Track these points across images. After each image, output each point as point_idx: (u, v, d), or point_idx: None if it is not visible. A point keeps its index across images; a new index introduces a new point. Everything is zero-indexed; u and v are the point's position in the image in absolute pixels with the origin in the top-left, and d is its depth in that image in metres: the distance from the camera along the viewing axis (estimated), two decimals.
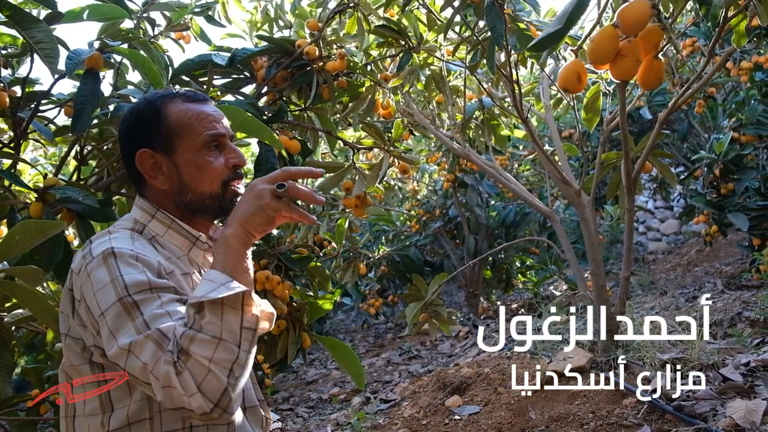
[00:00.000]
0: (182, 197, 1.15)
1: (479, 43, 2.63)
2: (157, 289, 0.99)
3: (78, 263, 1.06)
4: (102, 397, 1.06)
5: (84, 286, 1.02)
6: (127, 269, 1.00)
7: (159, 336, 0.92)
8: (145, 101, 1.19)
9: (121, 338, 0.94)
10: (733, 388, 2.38)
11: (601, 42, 0.99)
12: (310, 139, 2.34)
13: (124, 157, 1.20)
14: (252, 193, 1.02)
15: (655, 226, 8.54)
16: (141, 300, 0.97)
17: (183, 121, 1.14)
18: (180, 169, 1.14)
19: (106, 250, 1.02)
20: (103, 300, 0.98)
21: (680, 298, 4.73)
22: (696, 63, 4.59)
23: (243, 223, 1.00)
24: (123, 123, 1.20)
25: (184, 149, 1.14)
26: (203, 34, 2.60)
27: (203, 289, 0.94)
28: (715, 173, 4.20)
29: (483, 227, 6.13)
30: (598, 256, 3.00)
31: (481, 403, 2.92)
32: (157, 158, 1.14)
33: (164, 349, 0.91)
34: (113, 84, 1.67)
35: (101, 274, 1.00)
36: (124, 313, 0.96)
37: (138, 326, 0.94)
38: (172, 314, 0.96)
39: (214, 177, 1.15)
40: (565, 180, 3.06)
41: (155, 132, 1.14)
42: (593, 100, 2.88)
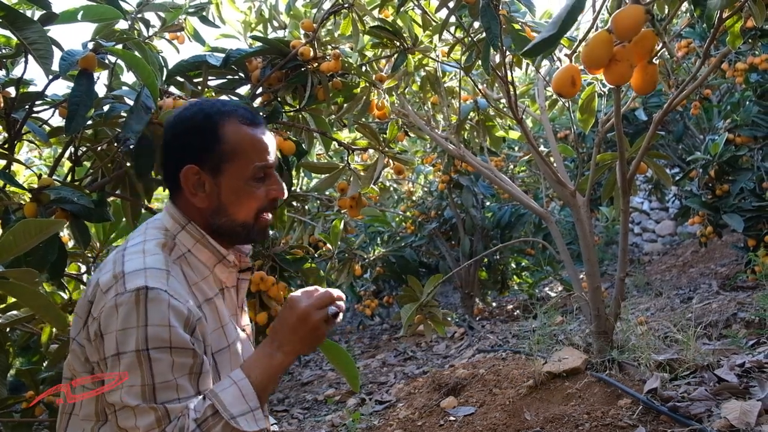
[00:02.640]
0: (216, 219, 1.16)
1: (474, 44, 2.64)
2: (176, 351, 1.01)
3: (107, 282, 1.05)
4: (98, 405, 1.08)
5: (108, 315, 1.02)
6: (154, 318, 1.00)
7: (163, 414, 0.97)
8: (203, 113, 1.16)
9: (127, 395, 0.97)
10: (728, 389, 2.38)
11: (595, 47, 1.00)
12: (305, 140, 2.35)
13: (166, 162, 1.18)
14: (308, 326, 1.08)
15: (650, 227, 8.57)
16: (157, 359, 0.99)
17: (238, 147, 1.14)
18: (222, 191, 1.14)
19: (140, 289, 1.01)
20: (122, 342, 0.99)
21: (675, 299, 4.75)
22: (691, 64, 4.61)
23: (296, 353, 1.09)
24: (174, 129, 1.18)
25: (232, 175, 1.14)
26: (197, 35, 2.60)
27: (229, 398, 1.01)
28: (711, 174, 4.22)
29: (478, 228, 6.15)
30: (593, 257, 3.02)
31: (476, 404, 2.93)
32: (202, 176, 1.14)
33: (163, 427, 0.96)
34: (108, 85, 1.67)
35: (130, 315, 1.00)
36: (137, 366, 0.98)
37: (146, 386, 0.98)
38: (179, 390, 1.00)
39: (252, 207, 1.16)
40: (560, 181, 3.07)
41: (208, 150, 1.13)
42: (588, 101, 2.90)
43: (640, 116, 5.36)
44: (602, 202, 5.26)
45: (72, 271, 1.88)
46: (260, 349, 1.10)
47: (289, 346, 1.08)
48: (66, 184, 1.54)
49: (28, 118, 1.51)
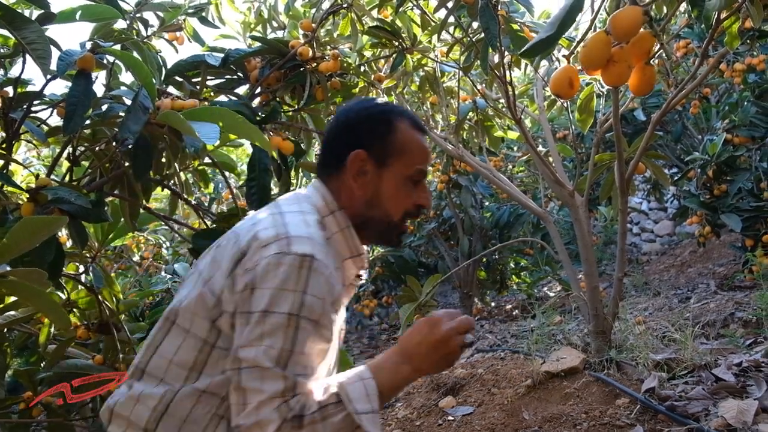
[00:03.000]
0: (368, 209, 1.17)
1: (473, 45, 2.63)
2: (319, 326, 1.00)
3: (268, 239, 1.04)
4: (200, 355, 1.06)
5: (268, 271, 1.00)
6: (314, 289, 1.00)
7: (291, 385, 0.95)
8: (377, 107, 1.22)
9: (263, 354, 0.95)
10: (726, 388, 2.38)
11: (593, 48, 1.00)
12: (304, 140, 2.34)
13: (333, 142, 1.22)
14: (446, 349, 1.06)
15: (649, 227, 8.57)
16: (303, 328, 0.98)
17: (406, 144, 1.18)
18: (381, 183, 1.17)
19: (306, 256, 1.01)
20: (277, 301, 0.98)
21: (673, 299, 4.75)
22: (690, 64, 4.61)
23: (424, 372, 1.06)
24: (349, 113, 1.22)
25: (395, 169, 1.17)
26: (196, 35, 2.59)
27: (354, 393, 0.99)
28: (709, 174, 4.22)
29: (477, 228, 6.15)
30: (592, 257, 3.01)
31: (475, 404, 2.93)
32: (367, 164, 1.17)
33: (285, 398, 0.94)
34: (106, 85, 1.66)
35: (290, 276, 0.99)
36: (282, 330, 0.97)
37: (284, 350, 0.96)
38: (309, 367, 0.98)
39: (402, 206, 1.19)
40: (558, 181, 3.07)
41: (380, 139, 1.17)
42: (587, 101, 2.89)
43: (639, 116, 5.35)
44: (601, 202, 5.25)
45: (70, 271, 1.88)
46: (389, 357, 1.08)
47: (420, 363, 1.05)
48: (64, 184, 1.53)
49: (26, 117, 1.51)
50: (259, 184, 1.84)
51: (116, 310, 1.81)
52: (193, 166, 2.06)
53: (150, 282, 3.28)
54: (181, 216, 3.46)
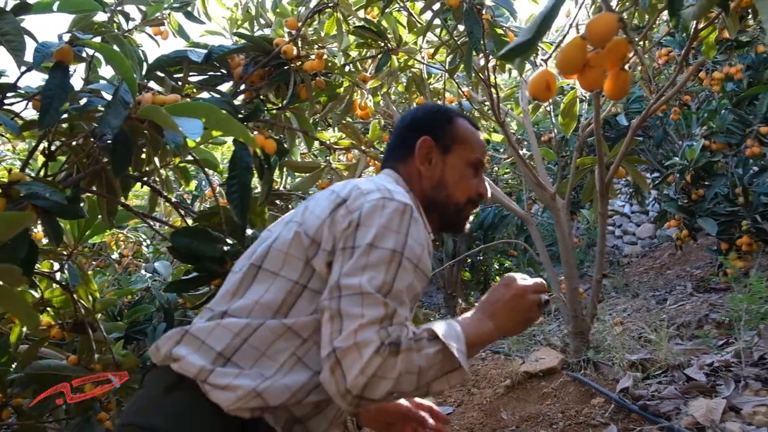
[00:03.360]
0: (436, 192, 1.25)
1: (458, 47, 2.61)
2: (417, 270, 1.04)
3: (368, 188, 1.08)
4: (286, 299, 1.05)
5: (373, 210, 1.03)
6: (414, 234, 1.04)
7: (391, 313, 0.96)
8: (439, 106, 1.36)
9: (367, 282, 0.96)
10: (696, 387, 2.42)
11: (569, 53, 0.98)
12: (287, 139, 2.30)
13: (400, 134, 1.32)
14: (523, 305, 1.08)
15: (631, 230, 8.60)
16: (405, 267, 1.00)
17: (466, 135, 1.29)
18: (446, 168, 1.26)
19: (407, 206, 1.06)
20: (381, 236, 1.00)
21: (651, 300, 4.77)
22: (672, 72, 4.62)
23: (505, 329, 1.08)
24: (416, 111, 1.35)
25: (458, 156, 1.26)
26: (181, 30, 2.54)
27: (447, 333, 1.00)
28: (687, 179, 4.25)
29: None
30: (572, 260, 3.01)
31: (455, 404, 2.92)
32: (433, 150, 1.26)
33: (384, 325, 0.94)
34: (85, 78, 1.62)
35: (394, 218, 1.03)
36: (385, 264, 0.98)
37: (386, 283, 0.97)
38: (404, 305, 0.99)
39: (466, 191, 1.26)
40: (540, 184, 3.06)
41: (442, 129, 1.28)
42: (570, 105, 2.89)
43: (622, 121, 5.37)
44: (582, 205, 5.26)
45: (44, 269, 1.82)
46: (472, 314, 1.10)
47: (501, 321, 1.07)
48: (38, 179, 1.48)
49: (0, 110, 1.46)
50: (240, 183, 1.79)
51: (92, 308, 1.75)
52: (174, 163, 2.01)
53: (129, 280, 3.22)
54: (163, 214, 3.40)
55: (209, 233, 1.92)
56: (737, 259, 3.92)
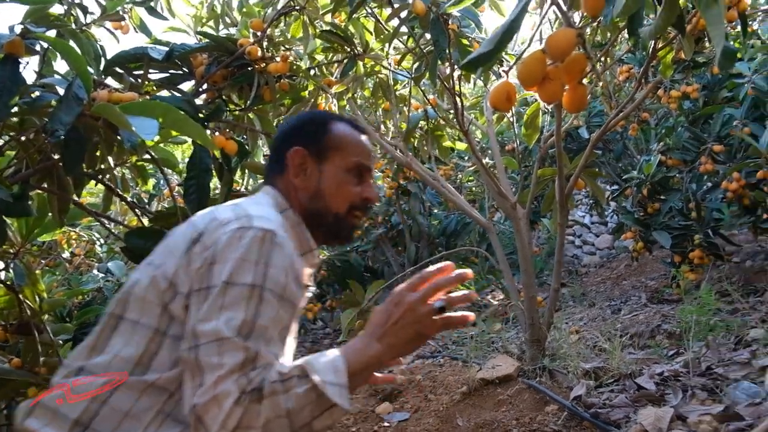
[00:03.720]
0: (314, 203, 1.18)
1: (424, 55, 2.62)
2: (283, 301, 0.96)
3: (228, 217, 1.01)
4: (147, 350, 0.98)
5: (228, 244, 0.96)
6: (276, 261, 0.96)
7: (252, 357, 0.89)
8: (315, 112, 1.34)
9: (224, 325, 0.89)
10: (646, 396, 2.45)
11: (529, 65, 1.01)
12: (249, 141, 2.27)
13: (275, 147, 1.26)
14: (416, 323, 0.98)
15: (590, 240, 8.76)
16: (267, 300, 0.93)
17: (344, 139, 1.22)
18: (323, 177, 1.19)
19: (268, 231, 0.98)
20: (238, 273, 0.93)
21: (607, 309, 4.85)
22: (632, 89, 4.74)
23: (396, 348, 0.99)
24: (290, 121, 1.29)
25: (334, 163, 1.20)
26: (143, 26, 2.48)
27: (321, 367, 0.92)
28: (643, 193, 4.35)
29: (425, 235, 6.15)
30: (530, 268, 3.04)
31: (411, 410, 2.91)
32: (307, 160, 1.19)
33: (246, 371, 0.88)
34: (38, 72, 1.56)
35: (252, 248, 0.95)
36: (244, 301, 0.91)
37: (246, 322, 0.90)
38: (271, 342, 0.92)
39: (347, 198, 1.20)
40: (501, 193, 3.08)
41: (316, 136, 1.21)
42: (533, 117, 2.93)
43: (583, 134, 5.48)
44: (543, 215, 5.34)
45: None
46: (358, 338, 1.01)
47: (390, 339, 0.98)
48: None
49: None
50: (198, 184, 1.76)
51: (39, 309, 1.68)
52: (131, 162, 1.96)
53: (80, 281, 3.12)
54: (119, 213, 3.32)
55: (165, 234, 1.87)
56: (689, 272, 4.04)
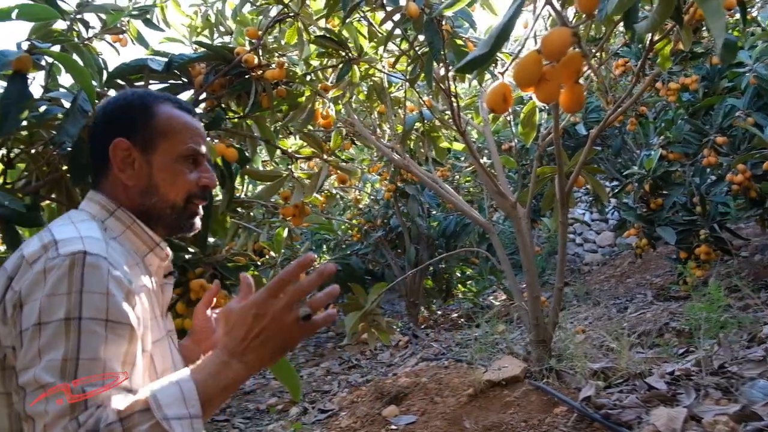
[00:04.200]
0: (146, 199, 1.10)
1: (418, 57, 2.69)
2: (111, 324, 0.88)
3: (34, 252, 0.92)
4: (11, 415, 0.93)
5: (34, 282, 0.89)
6: (92, 285, 0.88)
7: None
8: (135, 94, 1.15)
9: (43, 371, 0.82)
10: (658, 396, 2.46)
11: (525, 66, 1.04)
12: (248, 147, 2.34)
13: (92, 142, 1.13)
14: (280, 334, 0.91)
15: (591, 238, 8.84)
16: (89, 330, 0.86)
17: (171, 124, 1.12)
18: (153, 170, 1.09)
19: (76, 253, 0.90)
20: (48, 310, 0.86)
21: (612, 308, 4.91)
22: (628, 82, 4.80)
23: (258, 363, 0.92)
24: (105, 108, 1.14)
25: (164, 152, 1.10)
26: (141, 38, 2.56)
27: (167, 398, 0.84)
28: (645, 188, 4.40)
29: (424, 237, 6.23)
30: (533, 268, 3.10)
31: (418, 413, 2.97)
32: (132, 152, 1.08)
33: (74, 415, 0.80)
34: (44, 86, 1.64)
35: (61, 280, 0.88)
36: (62, 339, 0.84)
37: (68, 360, 0.83)
38: (107, 373, 0.85)
39: (183, 188, 1.11)
40: (501, 192, 3.15)
41: (141, 126, 1.10)
42: (530, 115, 2.99)
43: (581, 131, 5.54)
44: (542, 214, 5.41)
45: None
46: (213, 356, 0.93)
47: (253, 355, 0.91)
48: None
49: None
50: None
51: None
52: None
53: None
54: None
55: (170, 241, 1.95)
56: (696, 268, 4.07)
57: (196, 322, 1.31)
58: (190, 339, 1.30)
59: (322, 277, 0.93)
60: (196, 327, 1.30)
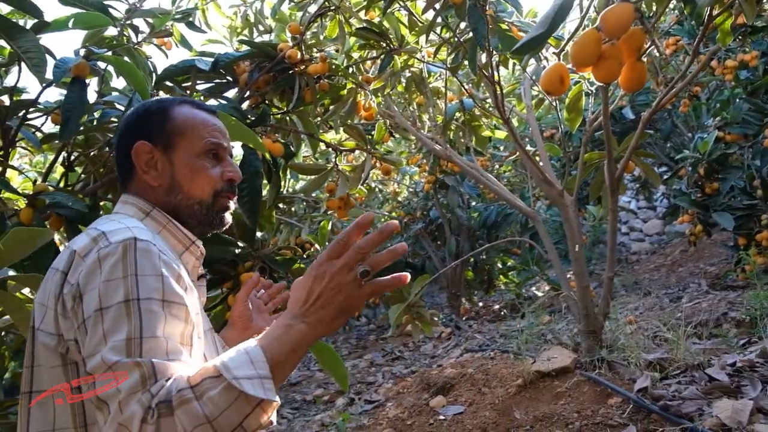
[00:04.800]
0: (172, 197, 1.14)
1: (461, 45, 2.71)
2: (168, 304, 0.92)
3: (85, 246, 0.97)
4: (74, 411, 0.96)
5: (90, 272, 0.93)
6: (145, 268, 0.93)
7: (149, 370, 0.84)
8: (154, 101, 1.21)
9: (110, 352, 0.85)
10: (720, 388, 2.43)
11: (583, 45, 1.03)
12: (293, 142, 2.41)
13: (118, 149, 1.18)
14: (341, 295, 0.91)
15: (638, 227, 8.71)
16: (149, 310, 0.90)
17: (188, 122, 1.16)
18: (175, 168, 1.13)
19: (127, 240, 0.95)
20: (107, 295, 0.90)
21: (664, 298, 4.86)
22: (680, 62, 4.70)
23: (323, 323, 0.92)
24: (127, 118, 1.20)
25: (184, 150, 1.14)
26: (184, 40, 2.66)
27: (235, 362, 0.86)
28: (700, 173, 4.29)
29: (464, 228, 6.25)
30: (581, 257, 3.10)
31: (466, 404, 3.01)
32: (154, 153, 1.13)
33: (146, 387, 0.83)
34: (98, 91, 1.73)
35: (116, 265, 0.92)
36: (123, 319, 0.88)
37: (132, 339, 0.87)
38: (170, 349, 0.89)
39: (208, 184, 1.15)
40: (547, 180, 3.15)
41: (158, 126, 1.14)
42: (575, 100, 2.97)
43: (628, 115, 5.46)
44: (590, 202, 5.36)
45: None
46: (276, 323, 0.94)
47: (314, 316, 0.92)
48: (60, 189, 1.59)
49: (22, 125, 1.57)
50: (250, 187, 1.91)
51: None
52: None
53: None
54: None
55: (220, 237, 2.04)
56: (758, 255, 3.95)
57: (235, 311, 1.38)
58: (231, 329, 1.37)
59: (383, 236, 0.94)
60: (236, 317, 1.38)
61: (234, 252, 2.13)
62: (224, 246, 2.03)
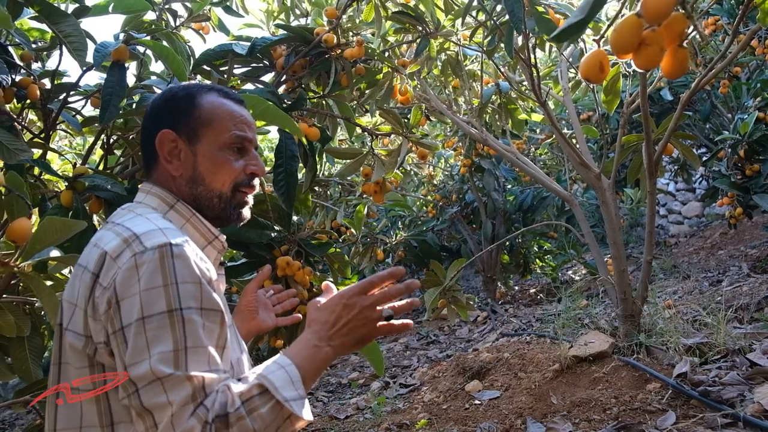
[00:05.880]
0: (193, 188, 1.11)
1: (497, 28, 2.64)
2: (206, 312, 0.93)
3: (117, 247, 0.94)
4: (101, 406, 0.96)
5: (127, 278, 0.91)
6: (185, 275, 0.92)
7: (199, 385, 0.86)
8: (181, 87, 1.16)
9: (158, 363, 0.86)
10: (761, 373, 2.35)
11: (623, 31, 0.99)
12: (329, 126, 2.38)
13: (143, 136, 1.15)
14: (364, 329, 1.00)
15: (676, 209, 8.49)
16: (191, 320, 0.90)
17: (215, 112, 1.11)
18: (198, 159, 1.10)
19: (163, 245, 0.93)
20: (148, 303, 0.89)
21: (704, 282, 4.73)
22: (719, 42, 4.55)
23: (344, 350, 1.00)
24: (153, 102, 1.16)
25: (208, 141, 1.10)
26: (221, 25, 2.64)
27: (279, 381, 0.91)
28: (740, 154, 4.17)
29: (500, 212, 6.17)
30: (619, 240, 3.03)
31: (501, 388, 2.97)
32: (178, 143, 1.10)
33: (197, 401, 0.85)
34: (137, 75, 1.72)
35: (155, 273, 0.91)
36: (168, 328, 0.88)
37: (179, 350, 0.88)
38: (211, 359, 0.90)
39: (229, 177, 1.12)
40: (584, 163, 3.07)
41: (184, 115, 1.10)
42: (613, 82, 2.88)
43: (666, 96, 5.29)
44: (628, 184, 5.23)
45: None
46: (304, 342, 1.00)
47: (339, 340, 0.99)
48: (99, 172, 1.59)
49: (63, 108, 1.57)
50: (286, 171, 1.89)
51: None
52: None
53: None
54: None
55: (257, 220, 2.02)
56: None
57: (243, 300, 1.38)
58: (235, 316, 1.36)
59: (409, 290, 1.03)
60: (243, 305, 1.38)
61: (270, 235, 2.11)
62: (260, 230, 2.01)
